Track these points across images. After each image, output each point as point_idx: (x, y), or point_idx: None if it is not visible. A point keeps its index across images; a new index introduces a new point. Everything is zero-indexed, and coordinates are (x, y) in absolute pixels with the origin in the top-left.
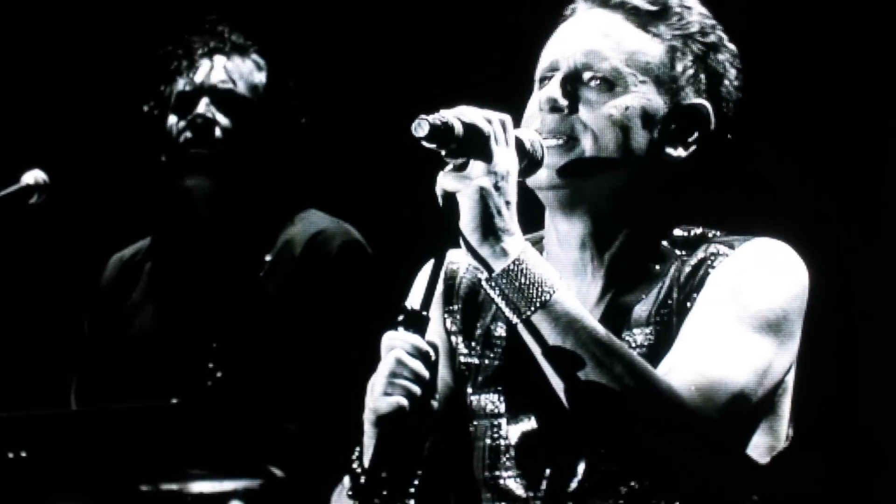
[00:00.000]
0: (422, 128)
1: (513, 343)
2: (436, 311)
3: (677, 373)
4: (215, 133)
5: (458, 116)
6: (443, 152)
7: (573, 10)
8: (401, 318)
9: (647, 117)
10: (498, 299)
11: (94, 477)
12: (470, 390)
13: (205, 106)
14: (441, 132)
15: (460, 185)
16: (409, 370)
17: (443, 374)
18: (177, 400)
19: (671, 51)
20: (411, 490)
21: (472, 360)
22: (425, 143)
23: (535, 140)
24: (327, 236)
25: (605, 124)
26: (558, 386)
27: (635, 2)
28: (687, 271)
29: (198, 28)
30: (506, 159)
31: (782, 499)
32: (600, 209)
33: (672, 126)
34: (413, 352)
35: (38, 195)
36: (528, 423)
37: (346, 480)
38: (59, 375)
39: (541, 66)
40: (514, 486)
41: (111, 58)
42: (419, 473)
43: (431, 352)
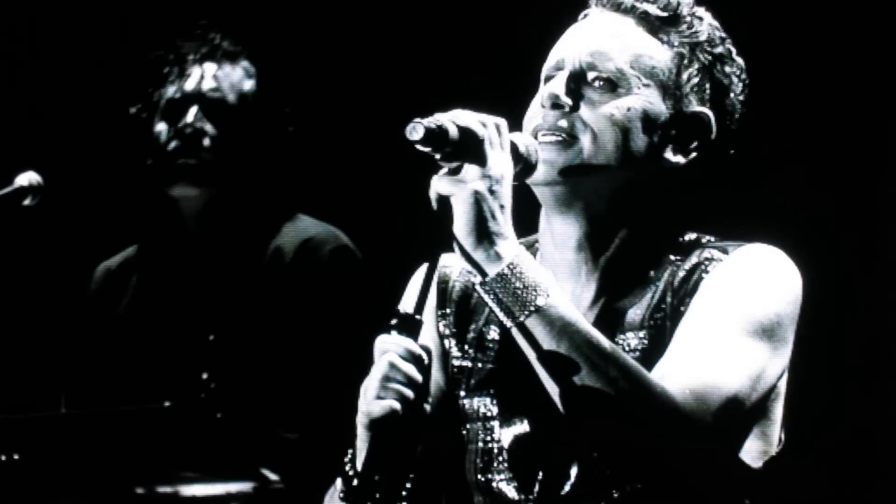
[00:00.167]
0: (416, 131)
1: (506, 346)
2: (429, 314)
3: (671, 377)
4: (204, 143)
5: (453, 120)
6: (437, 156)
7: (586, 16)
8: (394, 321)
9: (649, 121)
10: (492, 303)
11: (88, 480)
12: (463, 393)
13: (194, 115)
14: (435, 136)
15: (454, 188)
16: (402, 374)
17: (436, 378)
18: (170, 403)
19: (678, 58)
20: (404, 493)
21: (464, 364)
22: (420, 147)
23: (529, 144)
24: (317, 243)
25: (606, 124)
26: (553, 390)
27: (647, 7)
28: (681, 276)
29: (188, 33)
30: (500, 163)
31: (775, 503)
32: (596, 210)
33: (673, 132)
34: (406, 355)
35: (33, 197)
36: (520, 426)
37: (339, 483)
38: (51, 378)
39: (547, 64)
40: (507, 489)
41: (105, 58)
42: (412, 476)
43: (424, 355)
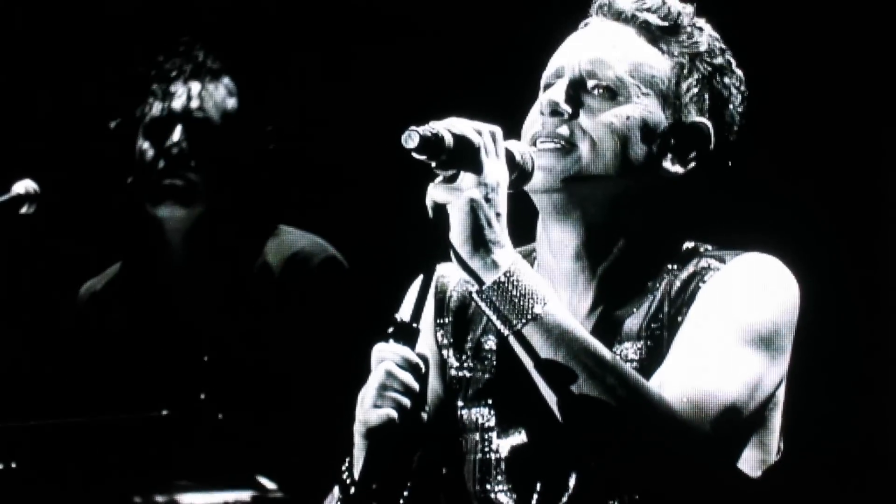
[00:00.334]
0: (412, 139)
1: (503, 356)
2: (427, 324)
3: (669, 385)
4: (190, 163)
5: (449, 128)
6: (433, 164)
7: (586, 24)
8: (391, 330)
9: (648, 130)
10: (489, 312)
11: (86, 488)
12: (460, 403)
13: (179, 134)
14: (431, 143)
15: (450, 196)
16: (400, 382)
17: (434, 387)
18: (167, 412)
19: (678, 68)
20: (401, 501)
21: (462, 374)
22: (415, 155)
23: (525, 152)
24: (304, 257)
25: (605, 132)
26: (550, 398)
27: (647, 17)
28: (678, 286)
29: (171, 49)
30: (496, 171)
31: None
32: (594, 218)
33: (671, 141)
34: (403, 364)
35: (29, 205)
36: (518, 437)
37: (336, 491)
38: (45, 386)
39: (547, 72)
40: (505, 499)
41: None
42: (409, 485)
43: (422, 364)
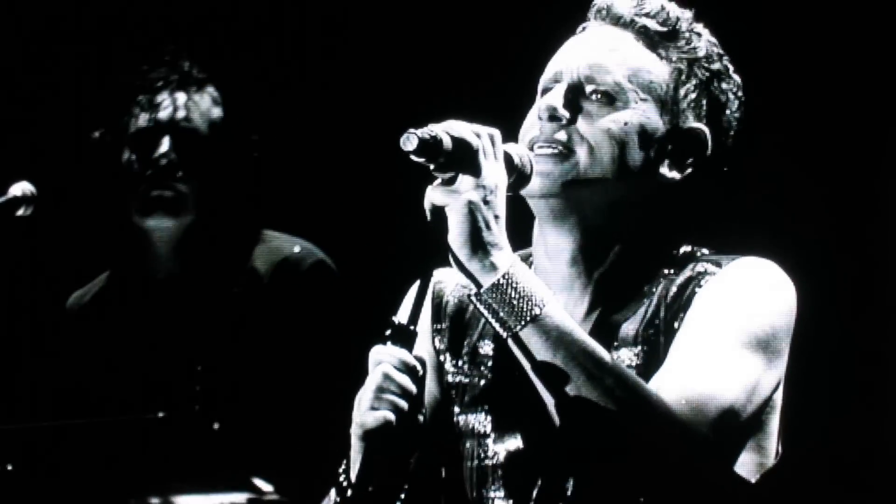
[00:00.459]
0: (410, 142)
1: (499, 361)
2: (425, 329)
3: (667, 388)
4: (178, 174)
5: (447, 130)
6: (431, 166)
7: (584, 28)
8: (388, 332)
9: (645, 135)
10: (487, 314)
11: (81, 490)
12: (457, 409)
13: (167, 145)
14: (430, 146)
15: (449, 199)
16: (397, 384)
17: (431, 390)
18: (164, 414)
19: (676, 73)
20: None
21: (458, 380)
22: (414, 157)
23: (523, 155)
24: (293, 261)
25: (603, 137)
26: (549, 400)
27: (646, 22)
28: (674, 290)
29: (155, 59)
30: (494, 173)
31: None
32: (591, 223)
33: (669, 147)
34: (400, 366)
35: (26, 207)
36: (514, 443)
37: (333, 494)
38: (39, 388)
39: (545, 76)
40: None
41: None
42: (406, 487)
43: (419, 366)
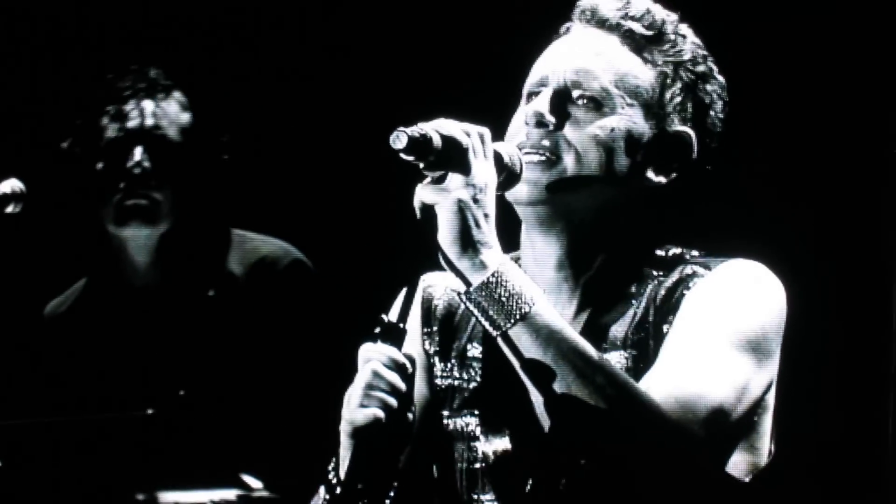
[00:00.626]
0: (400, 140)
1: (488, 363)
2: (415, 333)
3: (657, 387)
4: (152, 182)
5: (437, 129)
6: (421, 165)
7: (568, 29)
8: (378, 330)
9: (632, 141)
10: (477, 313)
11: (69, 487)
12: (446, 413)
13: (140, 154)
14: (419, 144)
15: (438, 197)
16: (386, 382)
17: (422, 390)
18: (152, 411)
19: (661, 77)
20: (387, 501)
21: (447, 383)
22: (403, 156)
23: (513, 154)
24: (270, 262)
25: (590, 144)
26: (538, 399)
27: (631, 25)
28: (663, 293)
29: (122, 68)
30: (484, 172)
31: None
32: (578, 229)
33: (655, 151)
34: (390, 364)
35: (15, 204)
36: (503, 445)
37: (322, 491)
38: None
39: (530, 80)
40: None
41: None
42: (395, 485)
43: (408, 364)
